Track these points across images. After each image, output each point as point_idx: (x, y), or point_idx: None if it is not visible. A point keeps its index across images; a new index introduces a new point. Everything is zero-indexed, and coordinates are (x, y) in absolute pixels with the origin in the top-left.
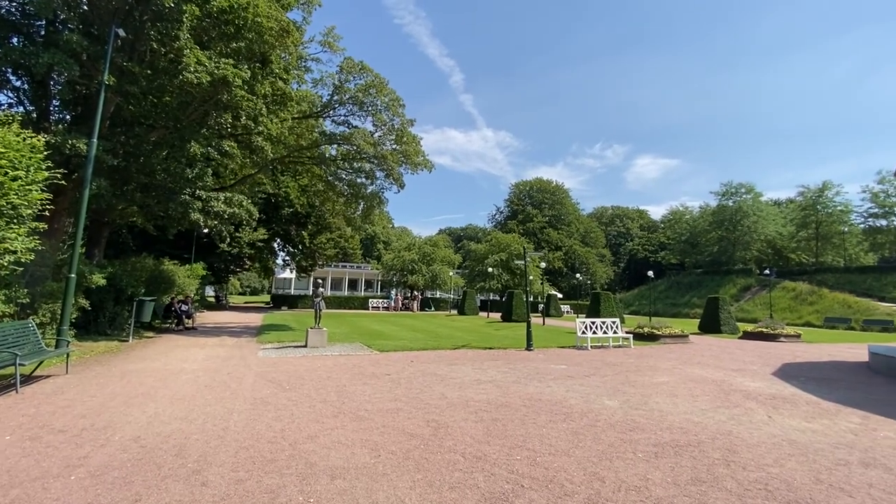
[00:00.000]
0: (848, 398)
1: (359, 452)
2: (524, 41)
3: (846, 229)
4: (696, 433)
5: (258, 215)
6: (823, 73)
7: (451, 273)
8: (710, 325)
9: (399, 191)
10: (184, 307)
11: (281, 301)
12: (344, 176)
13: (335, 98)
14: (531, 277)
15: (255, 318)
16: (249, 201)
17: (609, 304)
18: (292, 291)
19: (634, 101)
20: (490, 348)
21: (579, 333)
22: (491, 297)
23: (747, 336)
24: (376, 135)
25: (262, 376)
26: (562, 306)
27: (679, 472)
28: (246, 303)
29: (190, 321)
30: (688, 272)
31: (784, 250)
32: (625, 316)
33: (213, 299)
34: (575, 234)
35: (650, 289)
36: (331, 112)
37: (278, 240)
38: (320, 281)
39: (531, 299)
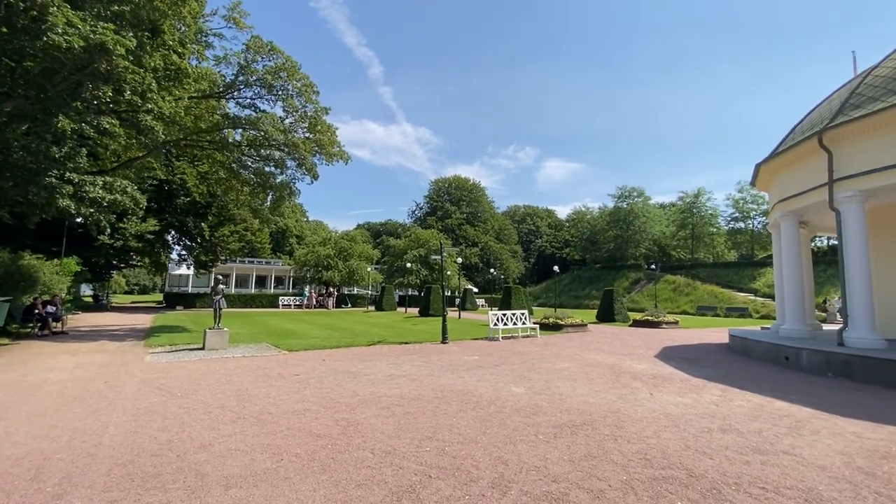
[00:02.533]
0: (712, 374)
1: (259, 458)
2: (445, 41)
3: (715, 230)
4: (590, 413)
5: (147, 204)
6: (702, 94)
7: (369, 269)
8: (606, 314)
9: (312, 182)
10: (50, 308)
11: (176, 300)
12: (250, 164)
13: (240, 79)
14: (448, 272)
15: (143, 320)
16: (136, 188)
17: (519, 297)
18: (190, 289)
19: (545, 108)
20: (406, 343)
21: (491, 325)
22: (409, 293)
23: (636, 324)
24: (287, 121)
25: (149, 383)
26: (477, 300)
27: (574, 450)
28: (133, 303)
29: (58, 325)
30: (588, 267)
31: (667, 248)
32: (533, 308)
33: (90, 299)
34: (490, 231)
35: (556, 282)
36: (235, 94)
37: (172, 232)
38: (221, 277)
39: (448, 294)
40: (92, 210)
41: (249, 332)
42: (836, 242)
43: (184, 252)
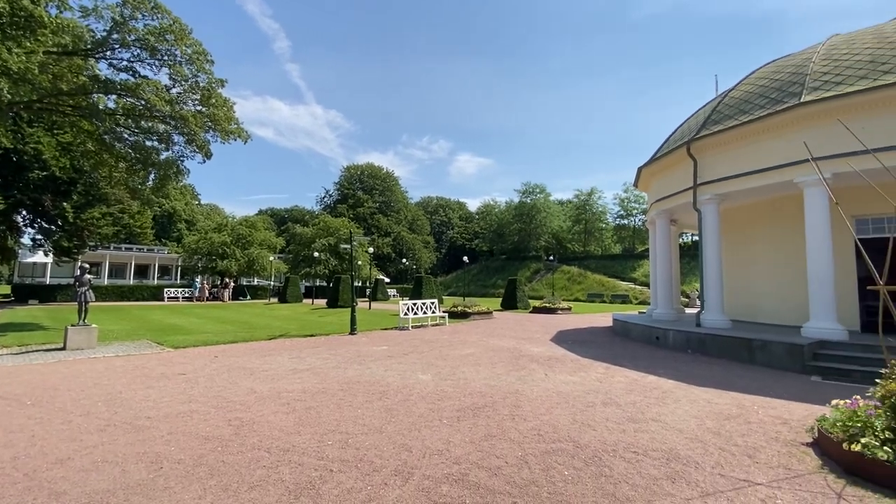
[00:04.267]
0: (598, 354)
1: (133, 469)
2: (360, 24)
3: (604, 226)
4: (491, 395)
5: None
6: (600, 100)
7: (271, 258)
8: (510, 302)
9: (205, 161)
10: None
11: (28, 293)
12: (127, 136)
13: (115, 37)
14: (360, 262)
15: None
16: None
17: (430, 287)
18: (48, 280)
19: (460, 103)
20: (312, 336)
21: (402, 315)
22: (317, 284)
23: (535, 310)
24: (174, 91)
25: None
26: (389, 290)
27: (476, 431)
28: None
29: None
30: (496, 258)
31: (564, 241)
32: (444, 297)
33: None
34: (403, 222)
35: (465, 272)
36: (108, 53)
37: (24, 212)
38: (87, 266)
39: (359, 284)
40: None
41: (126, 329)
42: (697, 238)
43: (40, 236)
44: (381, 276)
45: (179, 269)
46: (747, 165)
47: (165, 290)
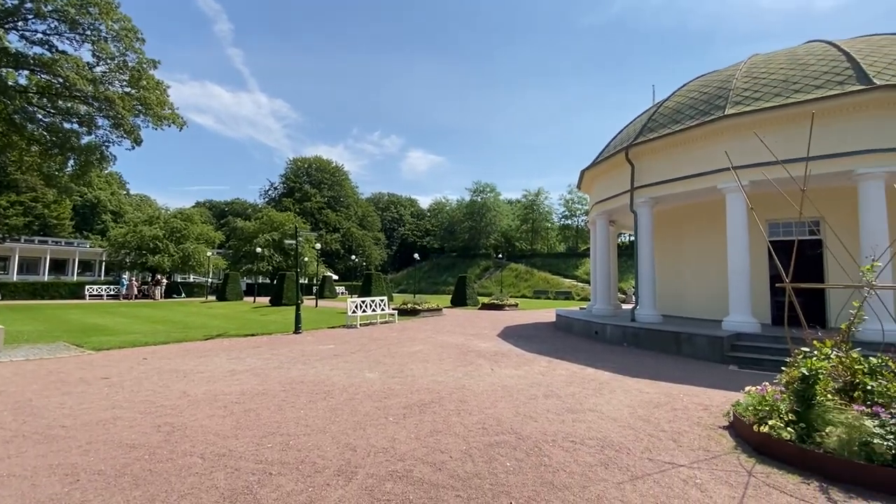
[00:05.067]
0: (541, 349)
1: (44, 483)
2: (310, 11)
3: (550, 225)
4: (438, 391)
5: None
6: (546, 103)
7: (209, 253)
8: (459, 299)
9: (134, 147)
10: None
11: None
12: (41, 117)
13: (28, 5)
14: (306, 259)
15: None
16: None
17: (380, 284)
18: None
19: (414, 99)
20: (253, 335)
21: (350, 313)
22: (260, 281)
23: (484, 307)
24: (98, 69)
25: None
26: (337, 288)
27: (421, 427)
28: None
29: None
30: (446, 255)
31: (512, 239)
32: (394, 294)
33: None
34: (353, 217)
35: (416, 269)
36: (20, 24)
37: None
38: None
39: (305, 281)
40: None
41: (39, 330)
42: (633, 238)
43: None
44: (329, 274)
45: (104, 264)
46: (678, 171)
47: (87, 287)
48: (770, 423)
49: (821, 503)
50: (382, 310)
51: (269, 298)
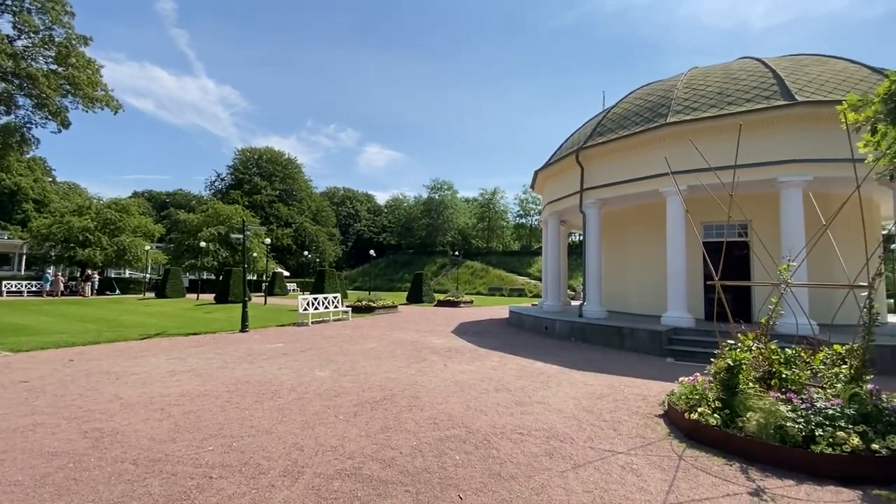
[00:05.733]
0: (494, 344)
1: None
2: None
3: (505, 224)
4: (391, 388)
5: None
6: (505, 103)
7: (147, 247)
8: (415, 296)
9: (61, 131)
10: None
11: None
12: None
13: None
14: (255, 254)
15: None
16: None
17: (333, 281)
18: None
19: (372, 93)
20: (195, 334)
21: (301, 310)
22: (204, 277)
23: (440, 304)
24: (19, 43)
25: None
26: (288, 285)
27: (372, 425)
28: None
29: None
30: (403, 252)
31: (469, 237)
32: (348, 291)
33: None
34: (306, 212)
35: (372, 266)
36: None
37: None
38: None
39: (254, 278)
40: None
41: None
42: (582, 238)
43: None
44: (280, 270)
45: (24, 258)
46: (624, 174)
47: (4, 282)
48: (699, 410)
49: (741, 482)
50: (336, 307)
51: (213, 296)
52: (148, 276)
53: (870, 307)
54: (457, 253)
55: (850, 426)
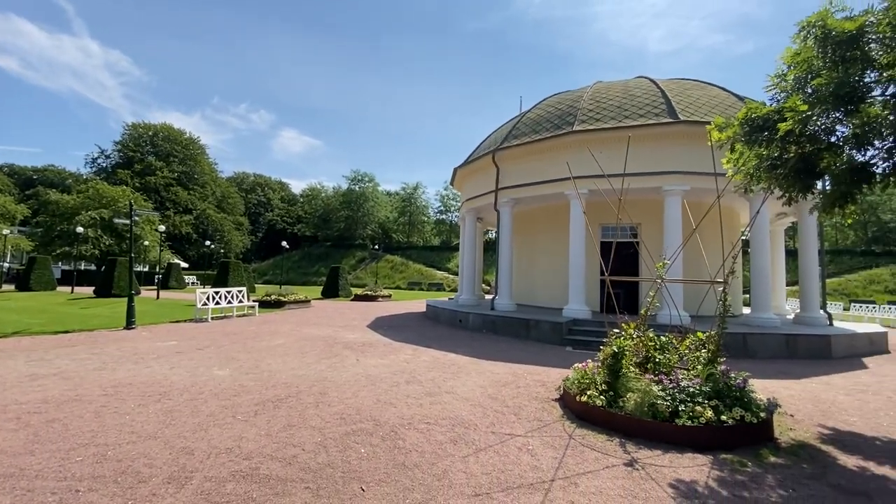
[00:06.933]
0: (409, 338)
1: None
2: None
3: (426, 219)
4: (297, 385)
5: None
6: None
7: (7, 231)
8: (331, 290)
9: None
10: None
11: None
12: None
13: None
14: (146, 243)
15: None
16: None
17: (239, 274)
18: None
19: (289, 74)
20: (67, 332)
21: (199, 305)
22: (83, 267)
23: (357, 298)
24: None
25: None
26: (186, 277)
27: (273, 424)
28: None
29: None
30: (320, 244)
31: (389, 231)
32: (257, 285)
33: None
34: (210, 198)
35: (285, 259)
36: None
37: None
38: None
39: (145, 269)
40: None
41: None
42: (496, 235)
43: None
44: (177, 261)
45: None
46: (535, 176)
47: None
48: (588, 393)
49: (619, 455)
50: (240, 301)
51: (93, 289)
52: (7, 264)
53: (724, 300)
54: (377, 247)
55: (706, 401)
